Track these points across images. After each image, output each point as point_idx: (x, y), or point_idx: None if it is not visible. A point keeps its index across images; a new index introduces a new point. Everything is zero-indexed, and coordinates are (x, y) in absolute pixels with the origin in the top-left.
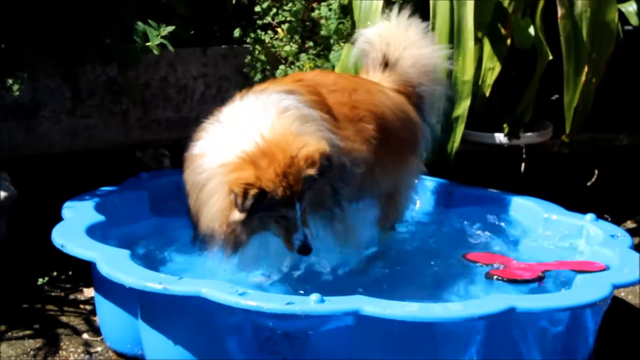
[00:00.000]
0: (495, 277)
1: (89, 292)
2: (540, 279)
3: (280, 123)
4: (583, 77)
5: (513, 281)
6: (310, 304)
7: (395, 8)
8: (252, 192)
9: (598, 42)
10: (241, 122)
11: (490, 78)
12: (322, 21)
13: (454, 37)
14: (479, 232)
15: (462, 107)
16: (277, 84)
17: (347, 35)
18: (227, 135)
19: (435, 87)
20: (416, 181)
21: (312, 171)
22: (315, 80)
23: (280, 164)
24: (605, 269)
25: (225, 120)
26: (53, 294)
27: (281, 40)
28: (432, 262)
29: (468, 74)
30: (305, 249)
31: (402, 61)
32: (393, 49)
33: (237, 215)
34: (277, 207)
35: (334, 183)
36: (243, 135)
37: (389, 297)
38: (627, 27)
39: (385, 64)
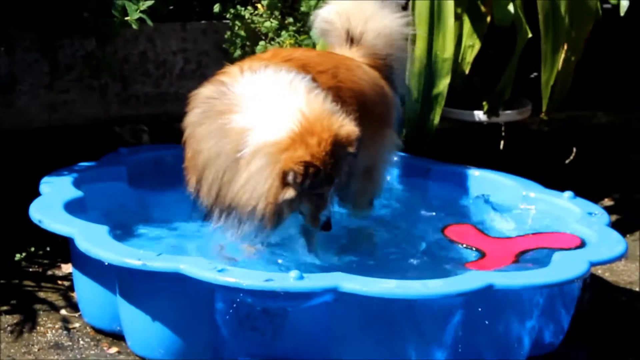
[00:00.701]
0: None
1: (67, 268)
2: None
3: (314, 101)
4: (562, 55)
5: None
6: (289, 280)
7: None
8: (312, 170)
9: (577, 20)
10: (275, 98)
11: (470, 56)
12: None
13: (434, 15)
14: (456, 209)
15: (442, 85)
16: (271, 62)
17: None
18: (267, 112)
19: (402, 55)
20: (393, 156)
21: (352, 149)
22: (303, 60)
23: (327, 142)
24: (581, 242)
25: (254, 95)
26: (30, 269)
27: (261, 16)
28: (410, 239)
29: (448, 51)
30: (329, 225)
31: (366, 34)
32: (355, 23)
33: (289, 194)
34: (321, 185)
35: (351, 163)
36: (285, 113)
37: (365, 275)
38: (606, 5)
39: (351, 40)
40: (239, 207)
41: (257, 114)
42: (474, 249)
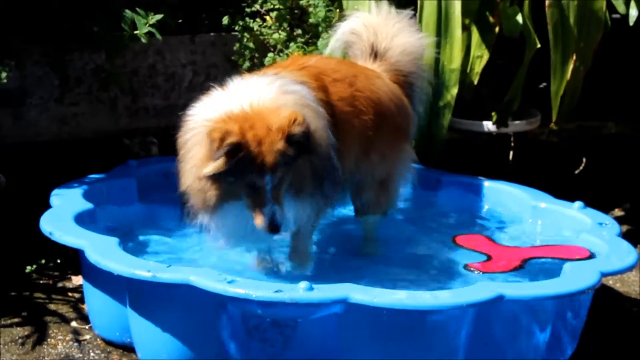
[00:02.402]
0: (473, 269)
1: (78, 280)
2: (517, 268)
3: (274, 99)
4: (570, 66)
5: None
6: (299, 291)
7: None
8: (230, 140)
9: (586, 30)
10: (238, 92)
11: (478, 66)
12: (311, 9)
13: (441, 25)
14: (466, 219)
15: (450, 95)
16: (286, 70)
17: (335, 23)
18: (220, 100)
19: (424, 74)
20: (409, 169)
21: (283, 147)
22: (318, 67)
23: (259, 130)
24: (589, 255)
25: (226, 90)
26: (41, 281)
27: (269, 27)
28: (420, 249)
29: (455, 62)
30: (272, 226)
31: (391, 50)
32: (381, 38)
33: (210, 168)
34: (248, 173)
35: (318, 169)
36: (234, 101)
37: (375, 284)
38: (615, 16)
39: (375, 54)
40: (184, 191)
41: (209, 102)
42: (481, 253)
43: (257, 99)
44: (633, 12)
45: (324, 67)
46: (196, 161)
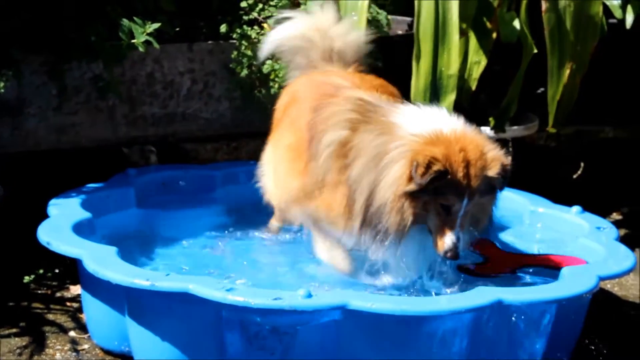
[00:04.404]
0: (466, 270)
1: (76, 290)
2: (511, 272)
3: (466, 127)
4: (567, 70)
5: (482, 275)
6: (298, 298)
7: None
8: (436, 167)
9: (582, 35)
10: (424, 115)
11: (476, 72)
12: None
13: (438, 31)
14: None
15: (448, 101)
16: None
17: None
18: (423, 115)
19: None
20: None
21: (494, 173)
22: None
23: (469, 153)
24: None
25: (408, 111)
26: (39, 291)
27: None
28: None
29: (453, 67)
30: (454, 252)
31: (347, 49)
32: (337, 39)
33: (410, 187)
34: (447, 193)
35: (494, 206)
36: (441, 118)
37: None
38: (612, 21)
39: (331, 57)
40: (374, 202)
41: (411, 115)
42: (481, 254)
43: (452, 124)
44: (629, 17)
45: (382, 87)
46: (396, 177)
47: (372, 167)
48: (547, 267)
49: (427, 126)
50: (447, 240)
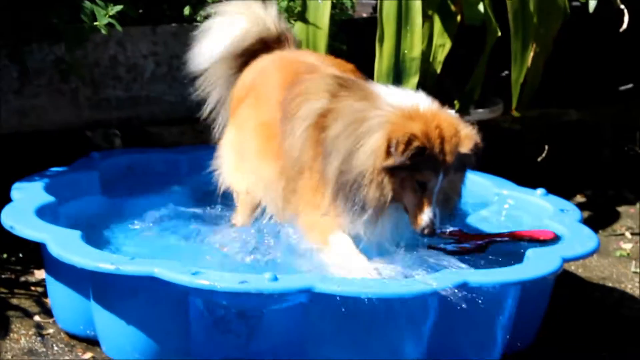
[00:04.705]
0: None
1: (40, 274)
2: (480, 249)
3: (438, 107)
4: (531, 53)
5: (453, 252)
6: (264, 282)
7: None
8: (415, 144)
9: (546, 18)
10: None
11: (441, 55)
12: None
13: (402, 14)
14: None
15: (411, 84)
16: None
17: (297, 13)
18: (400, 92)
19: None
20: None
21: (467, 150)
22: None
23: (444, 130)
24: (555, 237)
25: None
26: (3, 276)
27: None
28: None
29: (416, 50)
30: (431, 228)
31: (288, 31)
32: (279, 24)
33: (389, 162)
34: (424, 169)
35: (463, 184)
36: (419, 96)
37: None
38: (575, 3)
39: (280, 40)
40: (351, 169)
41: (392, 90)
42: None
43: (427, 103)
44: (592, 1)
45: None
46: (375, 148)
47: (351, 132)
48: (518, 240)
49: (405, 101)
50: (424, 217)
